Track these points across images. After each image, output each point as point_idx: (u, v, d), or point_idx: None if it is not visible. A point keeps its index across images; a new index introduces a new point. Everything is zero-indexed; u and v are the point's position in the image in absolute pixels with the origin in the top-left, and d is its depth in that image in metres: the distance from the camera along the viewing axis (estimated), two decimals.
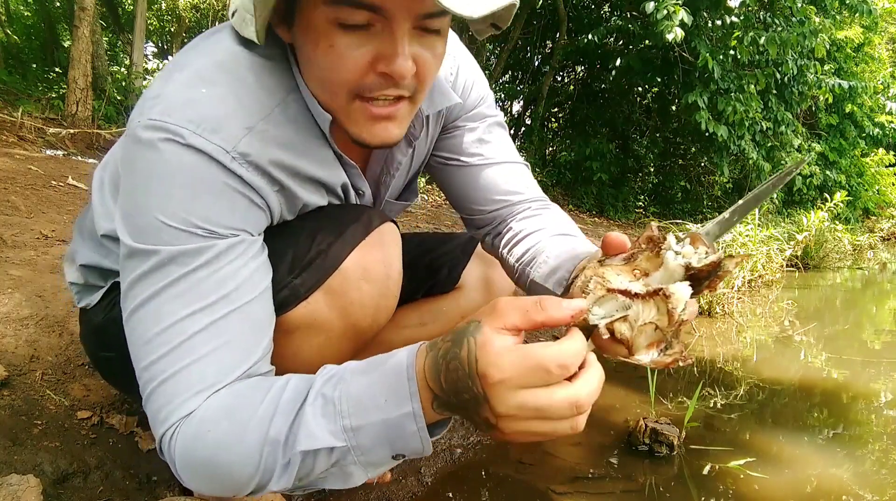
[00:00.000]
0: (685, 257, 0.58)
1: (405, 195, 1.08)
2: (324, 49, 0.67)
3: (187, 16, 14.07)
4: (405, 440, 0.58)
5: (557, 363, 0.53)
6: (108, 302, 0.95)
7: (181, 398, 0.64)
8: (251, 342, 0.69)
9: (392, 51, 0.66)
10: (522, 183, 1.06)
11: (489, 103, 1.06)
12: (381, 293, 0.88)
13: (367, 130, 0.74)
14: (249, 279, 0.70)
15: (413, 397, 0.57)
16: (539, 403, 0.53)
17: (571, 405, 0.53)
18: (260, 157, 0.72)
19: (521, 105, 10.05)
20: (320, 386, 0.61)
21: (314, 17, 0.66)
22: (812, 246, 5.74)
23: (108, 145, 5.59)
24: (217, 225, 0.68)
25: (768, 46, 6.37)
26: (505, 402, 0.53)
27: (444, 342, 0.57)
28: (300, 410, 0.60)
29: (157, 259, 0.66)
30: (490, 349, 0.53)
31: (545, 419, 0.54)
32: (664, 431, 1.47)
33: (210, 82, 0.70)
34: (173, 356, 0.65)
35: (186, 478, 0.65)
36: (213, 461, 0.62)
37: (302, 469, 0.60)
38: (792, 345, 2.77)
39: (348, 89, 0.70)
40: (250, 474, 0.61)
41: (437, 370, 0.56)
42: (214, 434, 0.62)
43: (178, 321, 0.65)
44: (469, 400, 0.55)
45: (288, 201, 0.80)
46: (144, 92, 0.74)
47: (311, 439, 0.59)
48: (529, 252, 0.97)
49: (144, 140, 0.67)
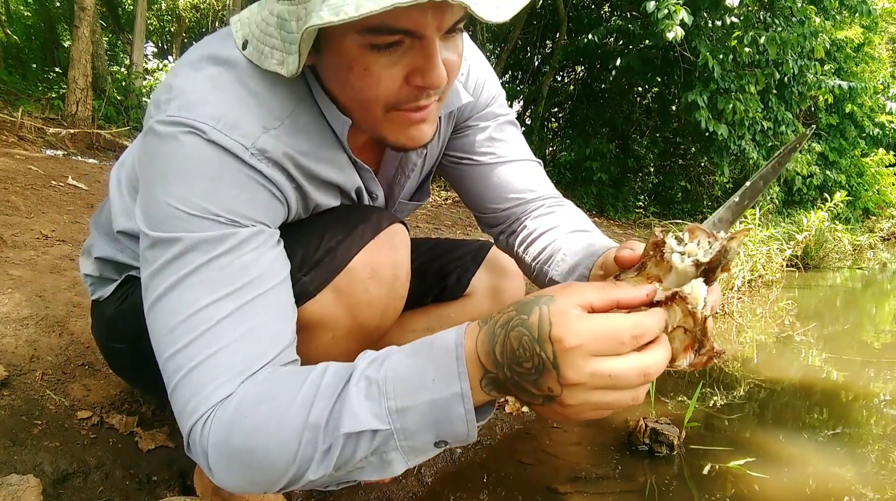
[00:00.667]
0: (691, 255, 0.57)
1: (417, 196, 1.09)
2: (358, 73, 0.67)
3: (187, 16, 14.08)
4: (451, 423, 0.57)
5: (633, 333, 0.52)
6: (121, 295, 0.97)
7: (212, 386, 0.62)
8: (278, 328, 0.68)
9: (427, 65, 0.66)
10: (535, 181, 1.05)
11: (500, 102, 1.06)
12: (389, 294, 0.88)
13: (404, 135, 0.75)
14: (272, 266, 0.69)
15: (462, 376, 0.56)
16: (614, 370, 0.52)
17: (641, 374, 0.53)
18: (277, 153, 0.72)
19: (521, 105, 10.04)
20: (364, 368, 0.60)
21: (345, 44, 0.66)
22: (812, 246, 5.74)
23: (107, 145, 5.59)
24: (239, 215, 0.68)
25: (768, 47, 6.37)
26: (578, 368, 0.52)
27: (502, 313, 0.56)
28: (343, 391, 0.58)
29: (180, 247, 0.66)
30: (566, 315, 0.52)
31: (613, 389, 0.53)
32: (664, 431, 1.47)
33: (225, 89, 0.71)
34: (200, 344, 0.63)
35: (219, 471, 0.62)
36: (250, 447, 0.59)
37: (342, 456, 0.58)
38: (792, 345, 2.77)
39: (384, 104, 0.71)
40: (288, 462, 0.59)
41: (492, 341, 0.55)
42: (252, 420, 0.60)
43: (202, 308, 0.64)
44: (530, 369, 0.53)
45: (302, 200, 0.80)
46: (158, 88, 0.74)
47: (354, 420, 0.57)
48: (546, 250, 0.97)
49: (164, 133, 0.68)
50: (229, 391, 0.62)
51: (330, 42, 0.67)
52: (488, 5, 0.61)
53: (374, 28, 0.62)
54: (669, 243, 0.59)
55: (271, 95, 0.73)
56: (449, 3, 0.58)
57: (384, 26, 0.62)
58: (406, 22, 0.62)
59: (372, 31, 0.62)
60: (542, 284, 0.98)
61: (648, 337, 0.54)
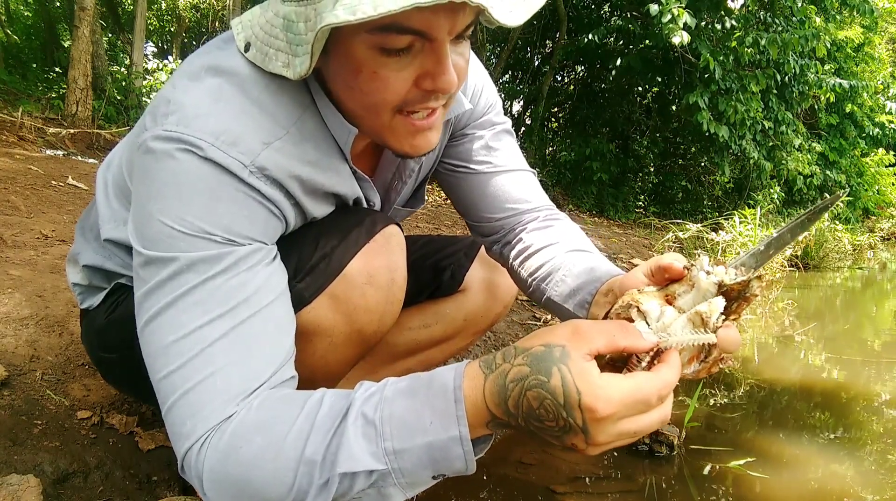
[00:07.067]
0: (717, 276, 0.59)
1: (412, 202, 1.08)
2: (367, 76, 0.66)
3: (187, 16, 14.08)
4: (450, 461, 0.58)
5: (660, 395, 0.55)
6: (111, 304, 0.95)
7: (209, 409, 0.61)
8: (275, 345, 0.67)
9: (438, 69, 0.66)
10: (531, 191, 1.05)
11: (498, 110, 1.06)
12: (387, 298, 0.87)
13: (408, 142, 0.74)
14: (267, 282, 0.68)
15: (461, 420, 0.56)
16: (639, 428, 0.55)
17: (661, 421, 0.56)
18: (278, 171, 0.71)
19: (521, 105, 10.05)
20: (360, 405, 0.59)
21: (354, 46, 0.65)
22: (812, 246, 5.74)
23: (108, 145, 5.59)
24: (236, 235, 0.67)
25: (769, 48, 6.36)
26: (608, 432, 0.54)
27: (510, 363, 0.56)
28: (339, 428, 0.58)
29: (175, 267, 0.64)
30: (592, 381, 0.53)
31: (635, 437, 0.56)
32: (664, 431, 1.47)
33: (226, 100, 0.69)
34: (195, 365, 0.62)
35: (214, 496, 0.61)
36: (246, 478, 0.59)
37: (339, 490, 0.58)
38: (792, 345, 2.76)
39: (392, 107, 0.70)
40: (282, 494, 0.58)
41: (504, 394, 0.55)
42: (247, 450, 0.59)
43: (197, 328, 0.63)
44: (553, 427, 0.54)
45: (301, 215, 0.80)
46: (156, 98, 0.72)
47: (351, 461, 0.56)
48: (544, 268, 0.96)
49: (160, 150, 0.66)
50: (225, 415, 0.61)
51: (338, 44, 0.66)
52: (502, 9, 0.60)
53: (385, 27, 0.61)
54: (702, 260, 0.61)
55: (276, 104, 0.72)
56: (464, 4, 0.57)
57: (396, 25, 0.61)
58: (418, 23, 0.61)
59: (383, 29, 0.61)
60: (538, 301, 0.98)
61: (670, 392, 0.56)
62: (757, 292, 0.57)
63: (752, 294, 0.57)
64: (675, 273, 0.63)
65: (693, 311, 0.58)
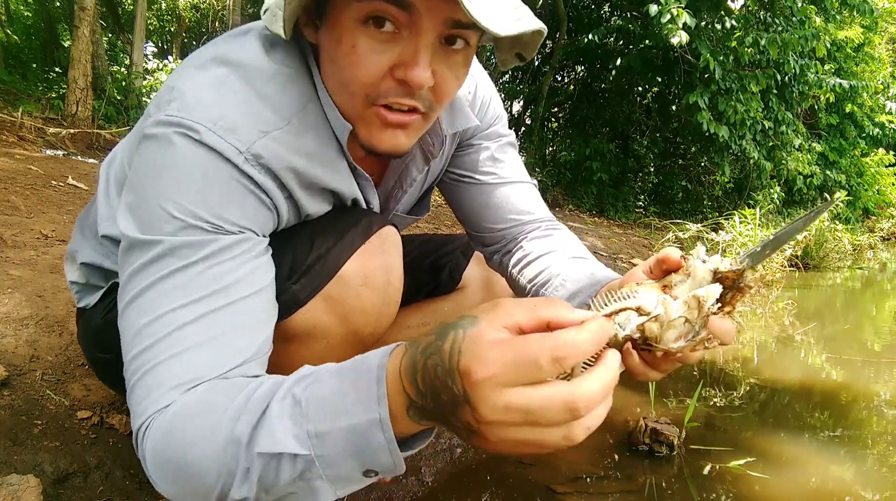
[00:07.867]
0: (712, 264, 0.59)
1: (416, 210, 1.08)
2: (346, 49, 0.67)
3: (187, 16, 14.07)
4: (373, 452, 0.51)
5: (550, 355, 0.43)
6: (107, 304, 0.95)
7: (160, 391, 0.60)
8: (244, 339, 0.65)
9: (413, 59, 0.66)
10: (533, 203, 1.06)
11: (504, 122, 1.07)
12: (383, 299, 0.87)
13: (376, 135, 0.74)
14: (250, 275, 0.68)
15: (381, 400, 0.50)
16: (528, 403, 0.44)
17: (565, 408, 0.44)
18: (273, 161, 0.71)
19: (521, 105, 10.05)
20: (291, 385, 0.55)
21: (343, 16, 0.66)
22: (812, 246, 5.75)
23: (108, 145, 5.58)
24: (225, 220, 0.67)
25: (769, 47, 6.37)
26: (489, 403, 0.44)
27: (427, 336, 0.49)
28: (267, 408, 0.54)
29: (158, 250, 0.65)
30: (478, 342, 0.45)
31: (534, 425, 0.45)
32: (664, 431, 1.47)
33: (229, 89, 0.70)
34: (160, 347, 0.62)
35: (156, 478, 0.60)
36: (183, 458, 0.57)
37: (265, 478, 0.54)
38: (792, 345, 2.76)
39: (365, 93, 0.70)
40: (214, 477, 0.55)
41: (414, 368, 0.48)
42: (184, 431, 0.58)
43: (169, 311, 0.63)
44: (447, 403, 0.46)
45: (294, 209, 0.79)
46: (162, 87, 0.74)
47: (270, 441, 0.52)
48: (543, 274, 0.96)
49: (158, 135, 0.67)
50: (173, 399, 0.60)
51: (331, 13, 0.68)
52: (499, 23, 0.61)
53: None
54: (699, 250, 0.60)
55: (280, 94, 0.72)
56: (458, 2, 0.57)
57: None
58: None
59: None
60: None
61: (576, 358, 0.44)
62: (751, 284, 0.57)
63: (746, 285, 0.57)
64: (672, 263, 0.63)
65: (690, 295, 0.58)
